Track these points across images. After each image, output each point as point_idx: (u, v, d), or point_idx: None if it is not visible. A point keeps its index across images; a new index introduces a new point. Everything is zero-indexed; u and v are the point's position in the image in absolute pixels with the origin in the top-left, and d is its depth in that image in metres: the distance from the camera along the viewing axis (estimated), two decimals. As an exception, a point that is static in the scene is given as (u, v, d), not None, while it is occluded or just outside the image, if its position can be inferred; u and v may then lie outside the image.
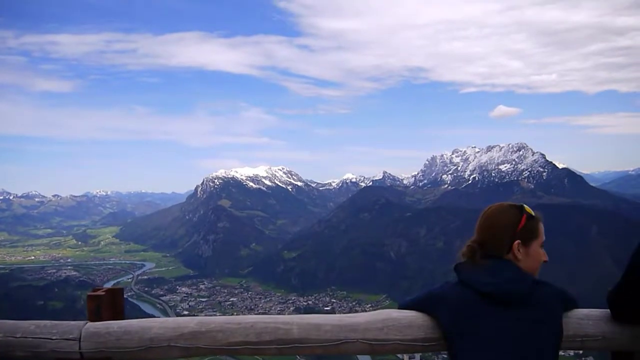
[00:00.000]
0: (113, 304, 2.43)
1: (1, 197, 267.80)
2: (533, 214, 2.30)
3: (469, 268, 2.23)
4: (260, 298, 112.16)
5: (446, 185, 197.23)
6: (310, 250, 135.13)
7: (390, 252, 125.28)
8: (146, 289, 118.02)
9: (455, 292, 2.19)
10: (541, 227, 2.32)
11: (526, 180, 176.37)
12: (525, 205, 2.31)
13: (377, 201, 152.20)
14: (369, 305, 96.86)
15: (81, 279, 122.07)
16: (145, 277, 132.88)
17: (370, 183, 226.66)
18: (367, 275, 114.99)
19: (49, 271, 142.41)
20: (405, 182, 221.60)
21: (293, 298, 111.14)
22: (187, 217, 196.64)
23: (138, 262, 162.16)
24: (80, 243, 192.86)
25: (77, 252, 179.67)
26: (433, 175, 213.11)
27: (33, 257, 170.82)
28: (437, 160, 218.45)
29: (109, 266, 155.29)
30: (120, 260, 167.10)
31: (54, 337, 2.26)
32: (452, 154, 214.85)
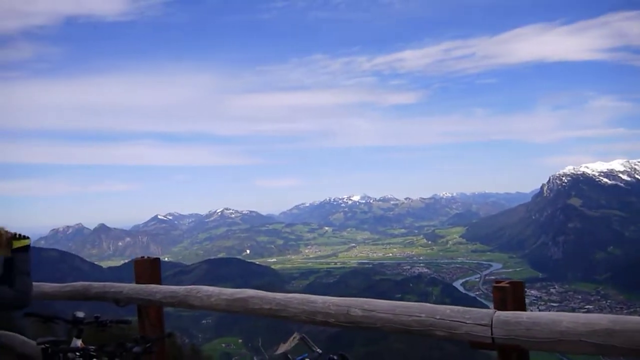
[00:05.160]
0: (515, 296, 2.65)
1: (364, 201, 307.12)
2: None
3: None
4: (622, 308, 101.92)
5: None
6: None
7: None
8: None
9: None
10: None
11: None
12: None
13: None
14: None
15: (432, 276, 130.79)
16: (492, 277, 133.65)
17: None
18: None
19: (404, 267, 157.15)
20: None
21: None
22: (533, 217, 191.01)
23: (484, 262, 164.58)
24: (429, 242, 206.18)
25: (428, 251, 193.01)
26: None
27: (391, 254, 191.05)
28: None
29: (457, 265, 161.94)
30: (467, 259, 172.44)
31: (468, 322, 2.53)
32: None
